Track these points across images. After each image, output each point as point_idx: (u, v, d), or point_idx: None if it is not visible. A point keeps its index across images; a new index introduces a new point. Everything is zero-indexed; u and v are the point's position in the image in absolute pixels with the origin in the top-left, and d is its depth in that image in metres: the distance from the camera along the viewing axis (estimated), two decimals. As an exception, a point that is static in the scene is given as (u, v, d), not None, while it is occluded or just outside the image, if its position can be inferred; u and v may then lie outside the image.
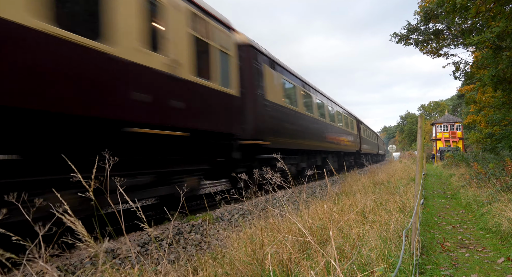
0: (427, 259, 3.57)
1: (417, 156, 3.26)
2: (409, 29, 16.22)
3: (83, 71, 4.06)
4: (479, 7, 7.58)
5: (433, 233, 4.96)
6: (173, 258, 3.99)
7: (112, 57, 4.37)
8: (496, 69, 9.20)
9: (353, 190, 7.69)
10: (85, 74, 4.10)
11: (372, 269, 2.54)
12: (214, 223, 5.61)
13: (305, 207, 4.53)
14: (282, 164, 3.65)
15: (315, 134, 13.14)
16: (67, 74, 3.88)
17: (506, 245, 4.19)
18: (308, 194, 8.44)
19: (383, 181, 9.86)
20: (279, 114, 9.57)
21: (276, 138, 9.11)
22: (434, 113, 71.86)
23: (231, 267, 2.87)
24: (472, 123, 22.05)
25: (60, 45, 3.74)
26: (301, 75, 12.53)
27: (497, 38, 8.14)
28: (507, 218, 4.64)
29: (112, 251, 3.89)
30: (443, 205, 7.88)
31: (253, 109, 8.17)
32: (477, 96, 18.86)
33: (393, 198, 5.91)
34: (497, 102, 13.09)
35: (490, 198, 6.41)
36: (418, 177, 3.42)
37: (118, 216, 2.15)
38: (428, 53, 16.79)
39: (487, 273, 3.32)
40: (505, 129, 11.74)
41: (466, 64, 16.60)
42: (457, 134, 37.17)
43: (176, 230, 4.97)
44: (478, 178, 8.69)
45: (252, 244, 3.09)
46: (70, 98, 3.91)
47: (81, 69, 4.04)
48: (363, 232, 3.65)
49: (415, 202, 3.26)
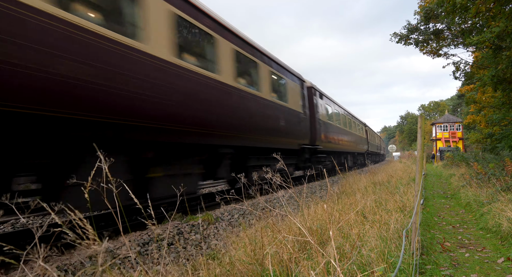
0: (427, 259, 3.57)
1: (417, 156, 3.26)
2: (409, 29, 16.22)
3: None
4: (479, 7, 7.58)
5: (433, 233, 4.96)
6: (173, 258, 3.99)
7: (267, 100, 8.68)
8: (496, 69, 9.20)
9: (353, 190, 7.70)
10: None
11: (372, 269, 2.54)
12: (214, 223, 5.62)
13: (306, 207, 4.53)
14: (329, 160, 11.23)
15: (343, 140, 17.92)
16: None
17: (506, 245, 4.19)
18: (308, 194, 8.44)
19: (383, 181, 9.85)
20: (325, 127, 14.09)
21: (323, 143, 13.55)
22: (434, 113, 71.87)
23: (231, 267, 2.87)
24: (472, 123, 22.06)
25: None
26: (335, 99, 17.42)
27: (497, 38, 8.14)
28: (507, 218, 4.64)
29: (111, 251, 3.89)
30: (443, 205, 7.88)
31: (313, 124, 12.47)
32: (477, 96, 18.86)
33: (393, 198, 5.90)
34: (497, 102, 13.10)
35: (490, 198, 6.41)
36: (418, 177, 3.42)
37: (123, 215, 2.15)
38: (428, 53, 16.79)
39: (487, 273, 3.31)
40: (505, 129, 11.73)
41: (466, 64, 16.61)
42: (457, 134, 37.15)
43: (176, 230, 4.97)
44: (478, 178, 8.69)
45: (252, 245, 3.09)
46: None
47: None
48: (363, 232, 3.65)
49: (415, 202, 3.26)
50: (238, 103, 7.28)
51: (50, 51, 3.52)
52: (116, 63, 4.29)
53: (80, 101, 3.85)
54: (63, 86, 3.66)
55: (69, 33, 3.72)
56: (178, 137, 5.56)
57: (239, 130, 7.33)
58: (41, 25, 3.47)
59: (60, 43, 3.62)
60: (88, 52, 3.91)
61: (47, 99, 3.53)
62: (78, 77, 3.79)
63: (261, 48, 8.81)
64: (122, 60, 4.37)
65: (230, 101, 7.01)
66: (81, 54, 3.83)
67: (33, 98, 3.42)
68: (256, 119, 8.05)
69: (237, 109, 7.27)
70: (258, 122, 8.14)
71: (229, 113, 6.93)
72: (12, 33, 3.21)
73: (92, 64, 3.96)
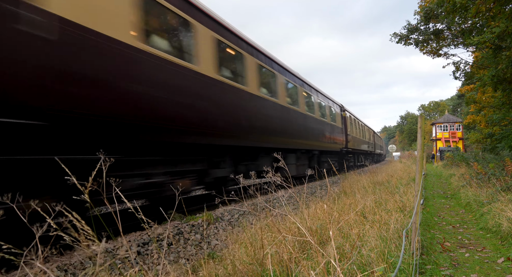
0: (427, 259, 3.57)
1: (417, 156, 3.26)
2: (409, 29, 16.21)
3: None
4: (479, 7, 7.58)
5: (433, 233, 4.96)
6: (173, 258, 3.99)
7: (328, 123, 15.09)
8: (496, 69, 9.20)
9: (353, 190, 7.69)
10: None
11: (372, 269, 2.54)
12: (214, 223, 5.61)
13: (305, 207, 4.53)
14: (352, 158, 22.40)
15: (361, 144, 24.46)
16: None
17: (506, 245, 4.18)
18: (308, 194, 8.44)
19: (383, 181, 9.86)
20: (351, 136, 20.21)
21: (350, 147, 19.75)
22: (434, 113, 71.88)
23: (231, 267, 2.87)
24: (472, 123, 22.05)
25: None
26: (359, 117, 24.57)
27: (497, 38, 8.13)
28: (507, 218, 4.64)
29: (111, 251, 3.88)
30: (443, 205, 7.88)
31: (346, 134, 18.70)
32: (477, 96, 18.85)
33: (393, 198, 5.90)
34: (497, 102, 13.09)
35: (490, 198, 6.40)
36: (418, 177, 3.42)
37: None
38: (428, 53, 16.79)
39: (487, 273, 3.31)
40: (505, 129, 11.73)
41: (466, 64, 16.61)
42: (457, 134, 37.15)
43: (176, 230, 4.97)
44: (478, 178, 8.69)
45: (252, 246, 3.08)
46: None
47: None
48: (363, 232, 3.64)
49: (415, 202, 3.26)
50: (312, 124, 12.36)
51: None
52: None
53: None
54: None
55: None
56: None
57: (320, 141, 13.35)
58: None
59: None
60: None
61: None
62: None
63: (325, 93, 15.22)
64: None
65: (304, 123, 11.42)
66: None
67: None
68: (325, 134, 14.31)
69: (313, 129, 12.46)
70: (326, 136, 14.49)
71: (308, 131, 11.89)
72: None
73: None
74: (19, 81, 3.35)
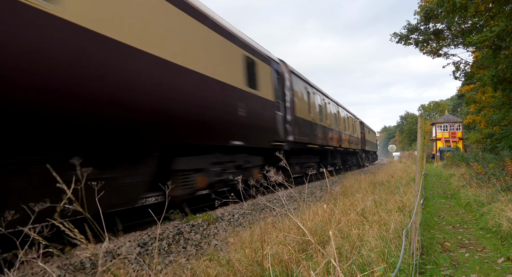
0: (427, 259, 3.57)
1: (417, 156, 3.26)
2: (409, 29, 16.19)
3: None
4: (478, 6, 7.57)
5: (433, 233, 4.96)
6: (173, 258, 3.99)
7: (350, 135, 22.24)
8: (496, 69, 9.19)
9: (353, 190, 7.69)
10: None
11: (372, 269, 2.54)
12: (214, 222, 5.61)
13: (306, 207, 4.53)
14: (366, 155, 29.58)
15: (371, 146, 32.50)
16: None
17: (506, 245, 4.18)
18: (308, 194, 8.44)
19: (383, 181, 9.86)
20: (365, 140, 27.46)
21: (364, 147, 27.54)
22: (434, 113, 71.86)
23: (231, 267, 2.87)
24: (472, 123, 22.03)
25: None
26: (370, 126, 32.23)
27: (496, 38, 8.12)
28: (507, 218, 4.64)
29: (111, 252, 3.88)
30: (443, 205, 7.88)
31: (364, 140, 27.37)
32: (477, 96, 18.84)
33: (393, 198, 5.90)
34: (497, 102, 13.09)
35: (490, 198, 6.40)
36: (418, 177, 3.42)
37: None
38: (428, 53, 16.76)
39: (487, 273, 3.31)
40: (505, 129, 11.74)
41: (466, 64, 16.59)
42: (457, 134, 37.12)
43: (176, 230, 4.97)
44: (478, 178, 8.68)
45: (251, 247, 3.08)
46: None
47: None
48: (363, 232, 3.64)
49: (415, 202, 3.26)
50: (340, 134, 17.73)
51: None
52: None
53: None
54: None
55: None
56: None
57: (344, 144, 18.20)
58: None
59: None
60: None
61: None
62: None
63: (352, 112, 20.85)
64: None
65: (331, 133, 15.90)
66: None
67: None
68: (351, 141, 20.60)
69: (342, 139, 18.12)
70: (348, 141, 19.94)
71: (336, 137, 16.98)
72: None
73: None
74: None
